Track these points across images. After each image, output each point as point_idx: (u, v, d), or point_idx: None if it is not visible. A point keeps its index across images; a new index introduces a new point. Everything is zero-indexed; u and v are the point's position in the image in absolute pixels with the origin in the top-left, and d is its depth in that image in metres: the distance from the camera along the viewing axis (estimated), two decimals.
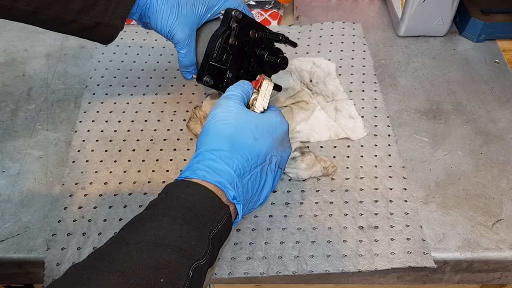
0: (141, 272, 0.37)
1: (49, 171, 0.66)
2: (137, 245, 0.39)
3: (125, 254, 0.38)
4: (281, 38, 0.63)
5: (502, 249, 0.58)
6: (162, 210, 0.43)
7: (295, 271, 0.56)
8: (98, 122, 0.73)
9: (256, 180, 0.48)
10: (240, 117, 0.50)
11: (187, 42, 0.61)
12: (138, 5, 0.59)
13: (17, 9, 0.55)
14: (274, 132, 0.51)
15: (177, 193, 0.44)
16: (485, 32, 0.84)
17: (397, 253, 0.57)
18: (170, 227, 0.41)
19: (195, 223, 0.42)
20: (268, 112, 0.54)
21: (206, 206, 0.44)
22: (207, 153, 0.47)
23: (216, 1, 0.62)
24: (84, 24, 0.57)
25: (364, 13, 0.92)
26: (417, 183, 0.65)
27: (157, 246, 0.39)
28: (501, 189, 0.64)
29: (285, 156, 0.53)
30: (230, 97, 0.52)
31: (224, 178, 0.46)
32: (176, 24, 0.60)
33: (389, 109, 0.74)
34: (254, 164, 0.48)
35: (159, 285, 0.37)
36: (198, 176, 0.45)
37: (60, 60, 0.83)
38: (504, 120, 0.72)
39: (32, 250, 0.58)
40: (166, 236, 0.40)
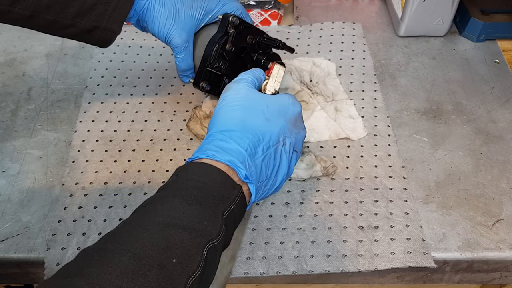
0: (152, 253, 0.36)
1: (49, 171, 0.66)
2: (147, 226, 0.39)
3: (136, 236, 0.38)
4: (278, 44, 0.64)
5: (502, 249, 0.58)
6: (173, 191, 0.42)
7: (295, 271, 0.56)
8: (98, 122, 0.73)
9: (270, 161, 0.47)
10: (250, 98, 0.50)
11: (184, 47, 0.61)
12: (135, 9, 0.59)
13: (14, 13, 0.55)
14: (286, 113, 0.50)
15: (188, 175, 0.43)
16: (485, 32, 0.84)
17: (397, 253, 0.57)
18: (181, 207, 0.40)
19: (206, 203, 0.41)
20: (280, 94, 0.53)
21: (217, 186, 0.43)
22: (217, 134, 0.47)
23: (214, 5, 0.62)
24: (81, 28, 0.58)
25: (364, 13, 0.92)
26: (417, 183, 0.65)
27: (168, 226, 0.38)
28: (501, 189, 0.64)
29: (299, 138, 0.52)
30: (240, 80, 0.52)
31: (234, 157, 0.45)
32: (174, 29, 0.60)
33: (389, 109, 0.74)
34: (267, 144, 0.47)
35: (172, 265, 0.36)
36: (208, 156, 0.45)
37: (60, 60, 0.83)
38: (504, 120, 0.72)
39: (32, 250, 0.58)
40: (178, 217, 0.39)
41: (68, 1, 0.55)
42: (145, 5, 0.59)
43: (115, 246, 0.37)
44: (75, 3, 0.56)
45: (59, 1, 0.55)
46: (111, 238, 0.38)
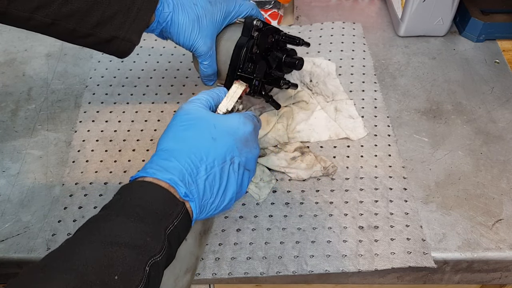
0: (95, 270, 0.37)
1: (49, 171, 0.66)
2: (90, 244, 0.39)
3: (79, 254, 0.38)
4: (298, 42, 0.65)
5: (502, 249, 0.58)
6: (116, 210, 0.43)
7: (295, 271, 0.56)
8: (98, 122, 0.73)
9: (215, 180, 0.48)
10: (198, 118, 0.50)
11: (209, 54, 0.62)
12: (159, 21, 0.59)
13: (35, 20, 0.55)
14: (235, 132, 0.50)
15: (131, 193, 0.44)
16: (485, 32, 0.84)
17: (397, 253, 0.57)
18: (124, 225, 0.41)
19: (149, 220, 0.42)
20: (231, 114, 0.53)
21: (160, 203, 0.43)
22: (162, 153, 0.48)
23: (232, 7, 0.63)
24: (100, 38, 0.58)
25: (364, 13, 0.92)
26: (417, 183, 0.65)
27: (111, 244, 0.39)
28: (501, 189, 0.64)
29: (251, 157, 0.51)
30: (192, 100, 0.52)
31: (175, 175, 0.45)
32: (199, 38, 0.60)
33: (389, 109, 0.74)
34: (211, 164, 0.47)
35: (114, 282, 0.37)
36: (149, 174, 0.45)
37: (60, 60, 0.83)
38: (504, 120, 0.72)
39: (32, 250, 0.58)
40: (120, 234, 0.40)
41: (89, 11, 0.55)
42: (168, 17, 0.59)
43: (58, 263, 0.38)
44: (95, 13, 0.56)
45: (80, 10, 0.55)
46: (55, 256, 0.39)
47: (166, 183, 0.45)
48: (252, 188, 0.64)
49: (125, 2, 0.56)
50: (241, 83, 0.56)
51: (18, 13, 0.54)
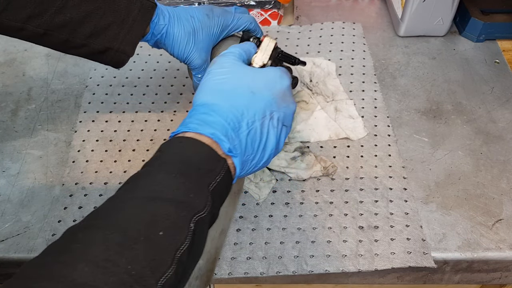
0: (138, 226, 0.36)
1: (49, 171, 0.66)
2: (132, 200, 0.38)
3: (121, 211, 0.37)
4: (293, 61, 0.64)
5: (502, 249, 0.58)
6: (157, 166, 0.41)
7: (295, 271, 0.56)
8: (98, 122, 0.73)
9: (256, 135, 0.46)
10: (235, 71, 0.49)
11: (204, 67, 0.61)
12: (153, 33, 0.59)
13: (27, 30, 0.54)
14: (273, 87, 0.49)
15: (171, 149, 0.43)
16: (485, 32, 0.84)
17: (397, 253, 0.57)
18: (166, 181, 0.40)
19: (192, 176, 0.41)
20: (268, 68, 0.52)
21: (202, 159, 0.42)
22: (200, 107, 0.46)
23: (230, 21, 0.62)
24: (94, 49, 0.57)
25: (364, 13, 0.92)
26: (417, 183, 0.65)
27: (154, 200, 0.38)
28: (501, 189, 0.64)
29: (288, 113, 0.50)
30: (226, 54, 0.51)
31: (217, 130, 0.44)
32: (194, 51, 0.60)
33: (389, 109, 0.74)
34: (251, 118, 0.46)
35: (158, 238, 0.36)
36: (190, 129, 0.44)
37: (60, 60, 0.83)
38: (504, 120, 0.72)
39: (32, 250, 0.58)
40: (162, 190, 0.39)
41: (82, 21, 0.55)
42: (163, 29, 0.59)
43: (99, 222, 0.37)
44: (89, 24, 0.55)
45: (73, 21, 0.55)
46: (96, 215, 0.38)
47: (208, 138, 0.43)
48: (252, 188, 0.64)
49: (119, 13, 0.56)
50: (270, 37, 0.55)
51: (10, 22, 0.53)
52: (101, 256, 0.33)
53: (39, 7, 0.53)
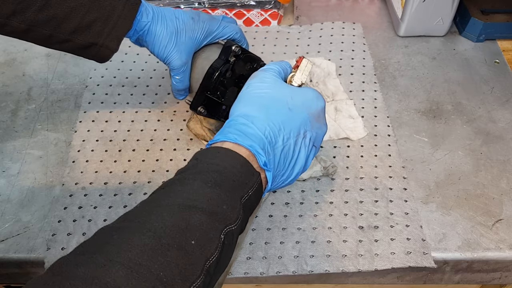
0: (172, 233, 0.36)
1: (49, 171, 0.66)
2: (167, 206, 0.38)
3: (156, 215, 0.37)
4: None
5: (502, 249, 0.58)
6: (193, 174, 0.42)
7: (295, 271, 0.56)
8: (98, 122, 0.73)
9: (289, 152, 0.47)
10: (275, 87, 0.50)
11: (183, 69, 0.61)
12: (136, 29, 0.59)
13: (10, 26, 0.54)
14: (310, 106, 0.50)
15: (208, 159, 0.43)
16: (485, 32, 0.84)
17: (397, 253, 0.57)
18: (201, 190, 0.40)
19: (226, 188, 0.41)
20: (305, 87, 0.53)
21: (237, 171, 0.43)
22: (240, 118, 0.47)
23: (215, 27, 0.62)
24: (78, 44, 0.57)
25: (364, 13, 0.92)
26: (417, 183, 0.65)
27: (188, 208, 0.38)
28: (501, 189, 0.64)
29: (320, 134, 0.51)
30: (267, 69, 0.52)
31: (256, 142, 0.44)
32: (174, 52, 0.60)
33: (389, 109, 0.74)
34: (287, 135, 0.47)
35: (190, 247, 0.36)
36: (230, 139, 0.44)
37: (60, 60, 0.83)
38: (504, 120, 0.72)
39: (32, 250, 0.58)
40: (197, 199, 0.39)
41: (66, 17, 0.55)
42: (146, 26, 0.59)
43: (134, 224, 0.37)
44: (73, 20, 0.55)
45: (56, 17, 0.55)
46: (130, 217, 0.38)
47: (246, 150, 0.44)
48: None
49: (104, 9, 0.56)
50: (307, 59, 0.55)
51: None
52: (135, 260, 0.34)
53: (23, 3, 0.53)
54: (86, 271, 0.33)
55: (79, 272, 0.33)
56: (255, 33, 0.87)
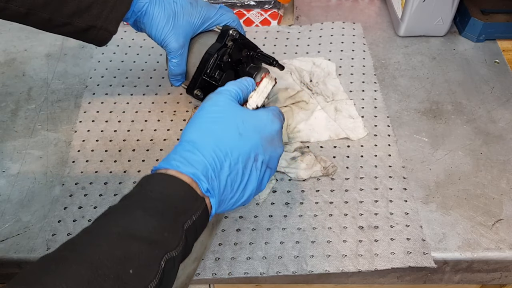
0: (109, 263, 0.36)
1: (49, 171, 0.66)
2: (106, 236, 0.39)
3: (94, 246, 0.38)
4: (271, 61, 0.64)
5: (502, 249, 0.58)
6: (135, 202, 0.42)
7: (295, 271, 0.56)
8: (98, 122, 0.73)
9: (236, 177, 0.47)
10: (227, 111, 0.49)
11: (180, 52, 0.61)
12: (134, 10, 0.59)
13: (9, 10, 0.55)
14: (262, 130, 0.49)
15: (151, 186, 0.44)
16: (485, 32, 0.84)
17: (397, 253, 0.57)
18: (142, 219, 0.40)
19: (168, 215, 0.41)
20: (260, 110, 0.52)
21: (180, 198, 0.43)
22: (186, 144, 0.47)
23: (213, 14, 0.62)
24: (77, 27, 0.58)
25: (364, 13, 0.92)
26: (417, 183, 0.65)
27: (128, 237, 0.39)
28: (501, 189, 0.64)
29: (274, 156, 0.51)
30: (222, 91, 0.51)
31: (199, 169, 0.45)
32: (171, 34, 0.60)
33: (389, 109, 0.74)
34: (235, 160, 0.47)
35: (128, 276, 0.36)
36: (173, 167, 0.45)
37: (60, 60, 0.83)
38: (504, 120, 0.72)
39: (32, 250, 0.58)
40: (137, 228, 0.40)
41: (65, 0, 0.55)
42: (144, 7, 0.59)
43: (72, 254, 0.37)
44: (72, 3, 0.56)
45: (55, 0, 0.55)
46: (70, 247, 0.38)
47: (188, 177, 0.44)
48: None
49: None
50: (271, 77, 0.55)
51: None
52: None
53: None
54: None
55: None
56: (255, 33, 0.87)
